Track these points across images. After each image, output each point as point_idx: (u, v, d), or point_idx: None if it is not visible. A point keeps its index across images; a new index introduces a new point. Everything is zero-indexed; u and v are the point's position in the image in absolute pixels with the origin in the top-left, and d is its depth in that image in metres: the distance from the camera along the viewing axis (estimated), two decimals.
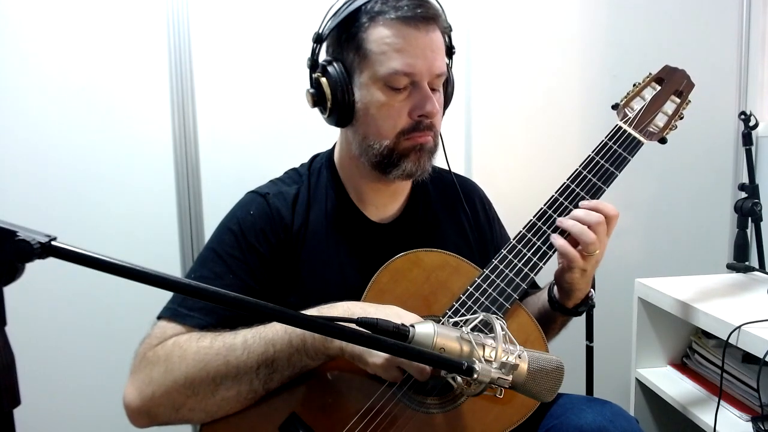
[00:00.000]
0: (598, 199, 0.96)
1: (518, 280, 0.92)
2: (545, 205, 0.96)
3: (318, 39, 0.95)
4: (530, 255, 0.93)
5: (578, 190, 0.96)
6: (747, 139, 1.53)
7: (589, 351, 1.46)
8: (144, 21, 1.42)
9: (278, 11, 1.49)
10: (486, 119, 1.65)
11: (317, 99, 0.95)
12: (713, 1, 1.74)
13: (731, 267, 1.52)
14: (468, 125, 1.63)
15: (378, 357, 0.79)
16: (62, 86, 1.39)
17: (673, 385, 1.37)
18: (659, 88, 1.04)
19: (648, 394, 1.46)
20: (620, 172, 0.97)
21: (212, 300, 0.58)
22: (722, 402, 1.18)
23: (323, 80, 0.93)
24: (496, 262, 0.93)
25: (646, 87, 1.04)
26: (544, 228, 0.94)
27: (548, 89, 1.68)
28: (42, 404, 1.43)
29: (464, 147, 1.64)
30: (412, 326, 0.69)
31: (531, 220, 0.96)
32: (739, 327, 1.09)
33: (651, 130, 1.01)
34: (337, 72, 0.92)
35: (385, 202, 1.04)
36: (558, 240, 0.92)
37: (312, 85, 0.96)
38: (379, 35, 0.90)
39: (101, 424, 1.46)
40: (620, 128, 1.00)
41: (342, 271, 0.97)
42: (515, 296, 0.91)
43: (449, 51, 1.00)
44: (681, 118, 1.04)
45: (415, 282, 0.93)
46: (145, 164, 1.45)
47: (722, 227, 1.83)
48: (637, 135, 0.99)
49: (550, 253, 0.93)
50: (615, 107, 1.04)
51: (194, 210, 1.49)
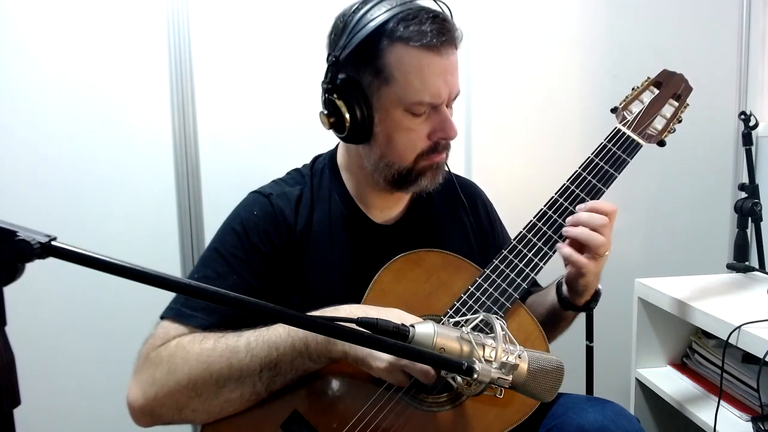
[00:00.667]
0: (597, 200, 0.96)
1: (519, 280, 0.92)
2: (545, 206, 0.97)
3: (335, 62, 0.89)
4: (531, 255, 0.94)
5: (578, 192, 0.97)
6: (747, 139, 1.53)
7: (589, 351, 1.46)
8: (144, 21, 1.42)
9: (278, 11, 1.49)
10: (486, 119, 1.65)
11: (335, 122, 0.92)
12: (713, 1, 1.75)
13: (731, 267, 1.52)
14: (468, 125, 1.63)
15: (382, 361, 0.78)
16: (62, 86, 1.39)
17: (673, 385, 1.37)
18: (657, 92, 1.05)
19: (648, 394, 1.46)
20: (620, 174, 0.98)
21: (213, 300, 0.58)
22: (722, 402, 1.18)
23: (339, 102, 0.90)
24: (497, 262, 0.94)
25: (645, 91, 1.05)
26: (545, 228, 0.95)
27: (548, 89, 1.68)
28: (42, 404, 1.43)
29: (464, 147, 1.64)
30: (412, 326, 0.69)
31: (531, 221, 0.96)
32: (739, 327, 1.09)
33: (649, 133, 1.02)
34: (356, 96, 0.90)
35: (388, 205, 1.04)
36: (565, 249, 0.92)
37: (326, 106, 0.93)
38: (403, 62, 0.88)
39: (101, 424, 1.46)
40: (619, 131, 1.01)
41: (344, 272, 0.97)
42: (516, 296, 0.91)
43: None
44: (679, 122, 1.04)
45: (417, 282, 0.93)
46: (145, 164, 1.45)
47: (722, 227, 1.83)
48: (636, 137, 1.00)
49: (551, 254, 0.94)
50: (614, 110, 1.05)
51: (194, 210, 1.49)
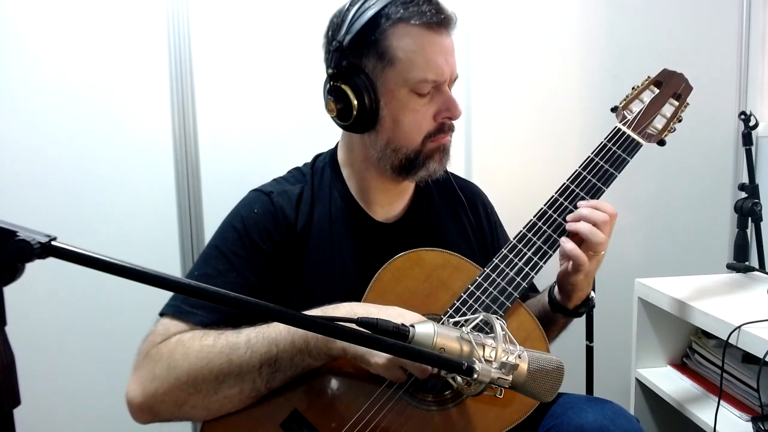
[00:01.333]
0: (598, 200, 0.96)
1: (519, 279, 0.92)
2: (546, 205, 0.97)
3: (338, 48, 0.91)
4: (531, 254, 0.94)
5: (578, 191, 0.97)
6: (747, 139, 1.53)
7: (589, 351, 1.46)
8: (144, 21, 1.42)
9: (278, 11, 1.49)
10: (486, 119, 1.65)
11: (342, 108, 0.93)
12: (713, 1, 1.74)
13: (731, 267, 1.52)
14: (468, 125, 1.63)
15: (380, 357, 0.79)
16: (62, 86, 1.39)
17: (673, 385, 1.37)
18: (658, 91, 1.05)
19: (648, 394, 1.46)
20: (619, 173, 0.98)
21: (213, 300, 0.58)
22: (722, 402, 1.18)
23: (346, 87, 0.91)
24: (497, 261, 0.94)
25: (645, 90, 1.05)
26: (545, 228, 0.95)
27: (548, 89, 1.68)
28: (42, 404, 1.43)
29: (464, 147, 1.64)
30: (412, 326, 0.69)
31: (531, 220, 0.96)
32: (739, 327, 1.09)
33: (650, 132, 1.02)
34: (361, 81, 0.91)
35: (390, 202, 1.04)
36: (568, 244, 0.92)
37: (330, 93, 0.94)
38: (404, 41, 0.90)
39: (101, 424, 1.46)
40: (619, 130, 1.01)
41: (345, 270, 0.97)
42: (516, 295, 0.91)
43: None
44: (680, 121, 1.04)
45: (417, 281, 0.93)
46: (145, 164, 1.45)
47: (722, 227, 1.83)
48: (636, 137, 1.00)
49: (551, 253, 0.94)
50: (614, 110, 1.04)
51: (194, 210, 1.49)
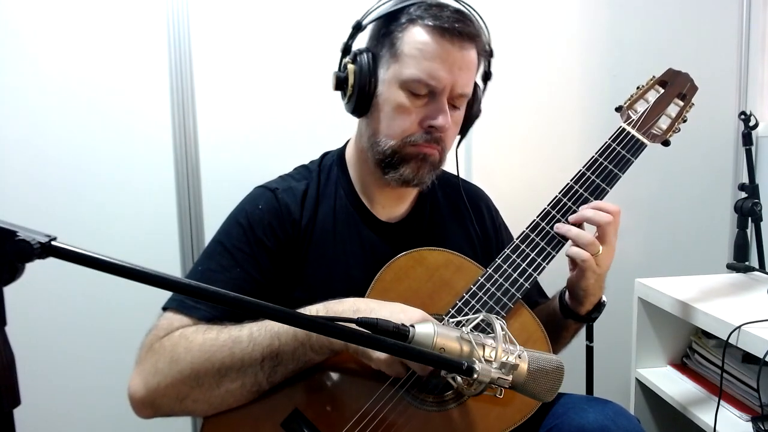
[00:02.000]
0: (601, 200, 0.96)
1: (521, 280, 0.92)
2: (549, 206, 0.96)
3: (357, 27, 0.96)
4: (534, 255, 0.93)
5: (582, 191, 0.96)
6: (747, 139, 1.53)
7: (589, 351, 1.46)
8: (144, 21, 1.42)
9: (278, 11, 1.48)
10: (486, 119, 1.63)
11: (340, 82, 0.95)
12: (713, 1, 1.74)
13: (731, 267, 1.52)
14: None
15: (381, 353, 0.79)
16: (62, 86, 1.39)
17: (673, 385, 1.37)
18: (663, 91, 1.04)
19: (648, 394, 1.46)
20: (624, 174, 0.97)
21: (213, 300, 0.58)
22: (722, 402, 1.18)
23: (351, 66, 0.94)
24: (500, 262, 0.93)
25: (650, 90, 1.04)
26: (548, 228, 0.95)
27: (548, 89, 1.68)
28: (42, 404, 1.43)
29: (464, 147, 1.64)
30: (412, 326, 0.69)
31: (534, 220, 0.96)
32: (739, 327, 1.09)
33: (654, 133, 1.01)
34: (366, 62, 0.93)
35: (393, 203, 1.04)
36: (573, 248, 0.93)
37: (340, 69, 0.97)
38: (413, 39, 0.91)
39: (101, 424, 1.46)
40: (624, 130, 1.00)
41: (348, 268, 0.97)
42: (518, 295, 0.91)
43: (485, 76, 1.03)
44: (684, 121, 1.04)
45: (419, 280, 0.93)
46: (145, 164, 1.45)
47: (722, 227, 1.83)
48: (641, 137, 0.99)
49: (554, 254, 0.94)
50: (618, 109, 1.04)
51: (194, 210, 1.49)
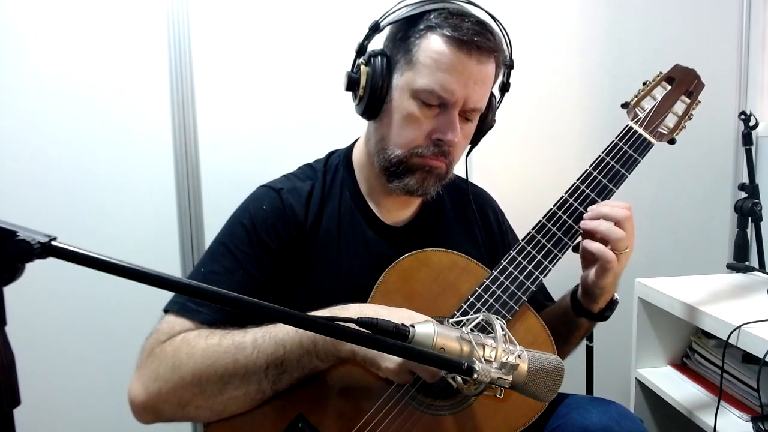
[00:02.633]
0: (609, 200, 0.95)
1: (527, 283, 0.90)
2: (555, 206, 0.95)
3: (374, 27, 0.94)
4: (540, 257, 0.92)
5: (588, 192, 0.95)
6: (747, 139, 1.53)
7: (589, 351, 1.46)
8: (144, 21, 1.42)
9: (278, 11, 1.48)
10: None
11: (351, 82, 0.94)
12: (713, 1, 1.74)
13: (731, 267, 1.52)
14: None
15: (391, 362, 0.78)
16: (62, 86, 1.38)
17: (673, 385, 1.37)
18: (669, 88, 1.02)
19: (648, 394, 1.46)
20: (630, 174, 0.96)
21: (214, 300, 0.57)
22: (722, 402, 1.18)
23: (364, 68, 0.92)
24: (505, 264, 0.92)
25: (657, 86, 1.02)
26: (554, 229, 0.93)
27: (548, 89, 1.68)
28: (42, 404, 1.43)
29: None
30: (412, 326, 0.68)
31: (541, 221, 0.94)
32: (739, 327, 1.09)
33: (661, 131, 1.00)
34: (380, 66, 0.91)
35: (398, 207, 1.02)
36: (593, 244, 0.90)
37: (353, 69, 0.96)
38: (430, 48, 0.88)
39: (101, 424, 1.46)
40: (631, 129, 0.99)
41: (352, 271, 0.96)
42: (524, 298, 0.90)
43: (503, 87, 1.01)
44: (690, 119, 1.02)
45: (423, 282, 0.91)
46: (145, 164, 1.45)
47: (722, 227, 1.83)
48: (648, 136, 0.98)
49: (560, 255, 0.92)
50: (625, 106, 1.02)
51: (194, 210, 1.49)
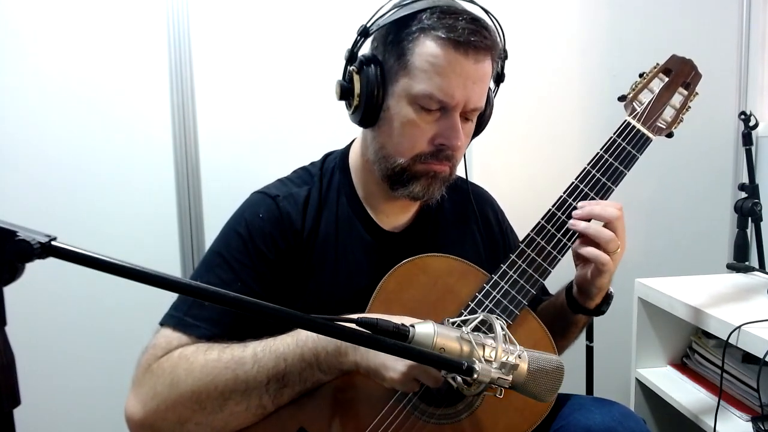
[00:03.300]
0: (606, 200, 0.94)
1: (528, 286, 0.89)
2: (554, 207, 0.93)
3: (363, 32, 0.90)
4: (540, 260, 0.90)
5: (587, 190, 0.93)
6: (747, 139, 1.53)
7: (589, 351, 1.46)
8: (144, 21, 1.42)
9: (278, 11, 1.49)
10: None
11: (344, 92, 0.91)
12: (713, 1, 1.74)
13: (731, 267, 1.52)
14: None
15: (395, 372, 0.76)
16: (62, 86, 1.39)
17: (673, 385, 1.37)
18: (667, 80, 1.00)
19: (648, 394, 1.45)
20: (629, 171, 0.94)
21: (213, 300, 0.57)
22: (722, 402, 1.18)
23: (356, 76, 0.89)
24: (505, 267, 0.90)
25: (654, 78, 1.00)
26: (553, 230, 0.91)
27: (548, 89, 1.68)
28: (42, 404, 1.43)
29: None
30: (412, 326, 0.68)
31: (539, 223, 0.92)
32: (739, 327, 1.09)
33: (659, 125, 0.98)
34: (373, 73, 0.88)
35: (397, 212, 1.01)
36: (586, 248, 0.90)
37: (344, 78, 0.92)
38: (425, 51, 0.85)
39: (101, 425, 1.46)
40: (629, 124, 0.97)
41: (350, 278, 0.94)
42: (524, 302, 0.89)
43: (498, 77, 0.97)
44: (689, 110, 1.00)
45: (422, 288, 0.90)
46: (145, 164, 1.45)
47: (722, 227, 1.83)
48: (646, 131, 0.96)
49: (560, 257, 0.91)
50: (622, 99, 1.00)
51: (194, 210, 1.49)
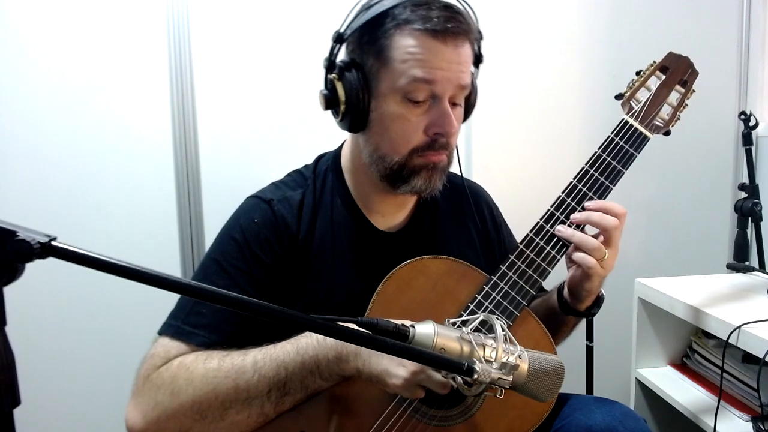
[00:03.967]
0: (605, 199, 0.93)
1: (527, 287, 0.89)
2: (552, 207, 0.93)
3: (338, 39, 0.89)
4: (539, 261, 0.90)
5: (585, 190, 0.93)
6: (747, 139, 1.53)
7: (589, 351, 1.46)
8: (144, 21, 1.42)
9: (278, 11, 1.49)
10: (486, 119, 1.65)
11: (329, 102, 0.90)
12: (713, 2, 1.74)
13: (731, 267, 1.52)
14: (468, 125, 1.62)
15: (398, 378, 0.76)
16: (62, 86, 1.39)
17: (673, 385, 1.37)
18: (664, 78, 1.00)
19: (648, 394, 1.46)
20: (627, 170, 0.94)
21: (213, 301, 0.57)
22: (722, 402, 1.18)
23: (338, 84, 0.88)
24: (504, 269, 0.90)
25: (650, 76, 1.00)
26: (552, 231, 0.91)
27: (548, 89, 1.68)
28: (42, 404, 1.43)
29: (464, 147, 1.64)
30: (412, 326, 0.68)
31: (538, 223, 0.92)
32: (739, 327, 1.09)
33: (657, 124, 0.98)
34: (354, 78, 0.87)
35: (392, 211, 1.00)
36: (577, 253, 0.90)
37: (326, 87, 0.91)
38: (403, 44, 0.84)
39: (101, 425, 1.46)
40: (626, 123, 0.96)
41: (348, 281, 0.94)
42: (524, 303, 0.88)
43: (476, 59, 0.95)
44: (686, 107, 1.00)
45: (422, 291, 0.89)
46: (145, 164, 1.45)
47: (722, 227, 1.83)
48: (644, 130, 0.96)
49: (559, 257, 0.91)
50: (619, 97, 1.00)
51: (194, 210, 1.49)
